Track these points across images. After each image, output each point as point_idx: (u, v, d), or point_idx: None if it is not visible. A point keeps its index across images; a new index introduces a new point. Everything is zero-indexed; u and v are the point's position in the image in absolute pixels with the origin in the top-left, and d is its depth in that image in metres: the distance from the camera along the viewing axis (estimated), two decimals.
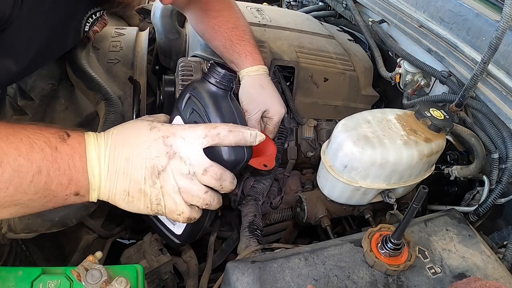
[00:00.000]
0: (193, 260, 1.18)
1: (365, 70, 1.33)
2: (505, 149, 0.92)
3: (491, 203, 0.94)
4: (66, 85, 1.10)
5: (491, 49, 0.84)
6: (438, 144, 0.86)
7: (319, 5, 1.80)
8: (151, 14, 1.48)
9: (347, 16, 1.55)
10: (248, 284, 0.69)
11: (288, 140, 1.30)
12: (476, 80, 0.91)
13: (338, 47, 1.36)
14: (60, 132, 0.61)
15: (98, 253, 0.66)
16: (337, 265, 0.74)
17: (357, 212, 1.01)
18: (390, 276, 0.73)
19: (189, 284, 1.12)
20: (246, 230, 1.03)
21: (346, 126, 0.86)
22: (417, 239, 0.81)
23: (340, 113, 1.31)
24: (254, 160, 1.00)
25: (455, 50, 1.08)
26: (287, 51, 1.24)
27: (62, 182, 0.59)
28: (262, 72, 1.09)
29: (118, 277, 0.63)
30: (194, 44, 1.28)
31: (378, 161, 0.81)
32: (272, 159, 1.01)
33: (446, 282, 0.74)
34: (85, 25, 0.90)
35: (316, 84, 1.26)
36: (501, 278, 0.76)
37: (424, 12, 1.23)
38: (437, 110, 0.88)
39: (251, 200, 1.14)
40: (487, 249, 0.81)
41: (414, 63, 1.17)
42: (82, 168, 0.61)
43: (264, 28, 1.33)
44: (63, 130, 0.62)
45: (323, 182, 0.94)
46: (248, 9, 1.44)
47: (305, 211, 0.97)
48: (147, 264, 1.04)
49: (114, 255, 1.13)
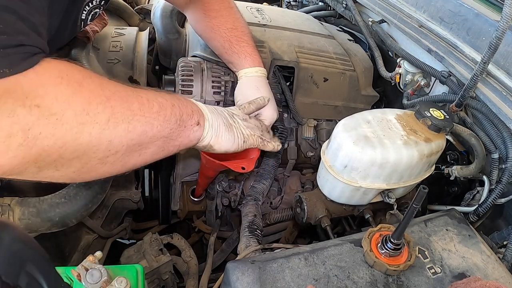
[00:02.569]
0: (193, 260, 1.18)
1: (365, 70, 1.33)
2: (505, 149, 0.92)
3: (491, 203, 0.94)
4: None
5: (491, 49, 0.84)
6: (438, 144, 0.86)
7: (319, 5, 1.80)
8: (151, 14, 1.48)
9: (347, 16, 1.55)
10: (248, 284, 0.69)
11: (288, 140, 1.30)
12: (476, 80, 0.91)
13: (338, 47, 1.36)
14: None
15: (98, 253, 0.67)
16: (337, 265, 0.74)
17: (357, 212, 1.01)
18: (390, 276, 0.73)
19: (189, 284, 1.12)
20: (246, 230, 1.03)
21: (346, 126, 0.86)
22: (417, 239, 0.81)
23: (340, 113, 1.31)
24: (234, 162, 1.01)
25: (455, 50, 1.08)
26: (287, 51, 1.24)
27: (188, 112, 0.79)
28: (260, 74, 1.10)
29: (118, 277, 0.63)
30: (194, 44, 1.28)
31: (378, 161, 0.81)
32: (252, 163, 1.02)
33: (446, 282, 0.74)
34: (82, 12, 0.90)
35: (316, 84, 1.26)
36: (501, 278, 0.76)
37: (424, 12, 1.23)
38: (437, 110, 0.88)
39: (251, 200, 1.14)
40: (487, 249, 0.81)
41: (414, 63, 1.17)
42: (196, 105, 0.84)
43: (264, 28, 1.33)
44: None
45: (323, 182, 0.94)
46: (248, 9, 1.44)
47: (305, 211, 0.97)
48: (147, 264, 1.04)
49: (114, 255, 1.13)
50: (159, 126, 0.72)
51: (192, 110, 0.81)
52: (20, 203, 0.87)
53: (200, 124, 0.82)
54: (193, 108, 0.81)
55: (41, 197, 0.89)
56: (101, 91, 0.64)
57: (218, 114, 0.88)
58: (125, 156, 0.69)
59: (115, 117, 0.65)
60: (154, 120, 0.71)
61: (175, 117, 0.75)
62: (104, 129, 0.63)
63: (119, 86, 0.69)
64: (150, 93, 0.73)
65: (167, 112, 0.74)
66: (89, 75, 0.64)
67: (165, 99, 0.75)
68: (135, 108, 0.68)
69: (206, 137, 0.84)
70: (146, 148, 0.73)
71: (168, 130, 0.74)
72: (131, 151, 0.70)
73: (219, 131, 0.86)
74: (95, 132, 0.62)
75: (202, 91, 1.17)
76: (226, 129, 0.87)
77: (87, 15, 0.92)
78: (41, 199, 0.88)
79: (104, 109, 0.63)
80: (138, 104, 0.69)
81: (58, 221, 0.88)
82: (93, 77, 0.65)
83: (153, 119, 0.71)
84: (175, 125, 0.76)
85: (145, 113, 0.70)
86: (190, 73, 1.17)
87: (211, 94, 1.18)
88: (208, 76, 1.18)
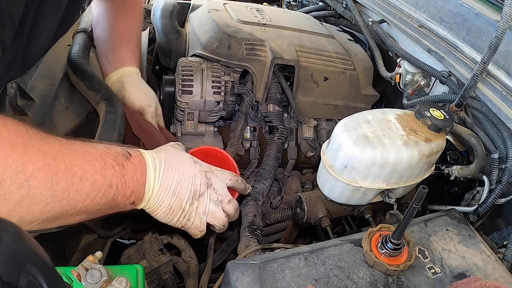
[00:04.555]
0: (193, 260, 1.18)
1: (365, 70, 1.33)
2: (505, 149, 0.92)
3: (491, 203, 0.94)
4: (66, 85, 1.10)
5: (491, 49, 0.84)
6: (438, 144, 0.86)
7: (319, 5, 1.80)
8: (151, 14, 1.48)
9: (347, 16, 1.55)
10: (248, 284, 0.69)
11: (288, 140, 1.30)
12: (476, 80, 0.91)
13: (338, 47, 1.36)
14: (124, 151, 0.71)
15: (98, 253, 0.66)
16: (337, 265, 0.74)
17: (357, 212, 1.01)
18: (390, 276, 0.73)
19: (189, 284, 1.11)
20: (246, 230, 1.03)
21: (346, 126, 0.86)
22: (417, 239, 0.81)
23: (340, 112, 1.31)
24: None
25: (455, 50, 1.08)
26: (287, 50, 1.24)
27: (126, 193, 0.70)
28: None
29: (118, 277, 0.63)
30: (194, 43, 1.28)
31: (378, 161, 0.81)
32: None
33: (446, 282, 0.74)
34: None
35: (316, 83, 1.26)
36: (501, 278, 0.76)
37: (424, 12, 1.23)
38: (437, 110, 0.88)
39: (251, 200, 1.14)
40: (487, 249, 0.81)
41: (414, 63, 1.17)
42: (142, 182, 0.72)
43: (264, 27, 1.33)
44: (125, 149, 0.72)
45: (323, 182, 0.94)
46: (248, 9, 1.44)
47: (305, 211, 0.97)
48: (147, 264, 1.04)
49: (114, 255, 1.13)
50: (84, 208, 0.64)
51: (132, 191, 0.70)
52: None
53: (135, 204, 0.74)
54: (136, 190, 0.71)
55: None
56: (22, 166, 0.54)
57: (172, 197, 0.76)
58: (43, 225, 0.63)
59: (30, 199, 0.56)
60: (78, 202, 0.63)
61: (106, 199, 0.66)
62: (15, 209, 0.56)
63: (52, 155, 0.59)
64: (91, 166, 0.63)
65: (98, 194, 0.65)
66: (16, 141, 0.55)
67: (104, 176, 0.65)
68: (58, 189, 0.59)
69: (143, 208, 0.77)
70: (67, 220, 0.66)
71: (94, 209, 0.66)
72: (48, 223, 0.63)
73: (158, 211, 0.77)
74: (4, 209, 0.55)
75: (202, 91, 1.18)
76: (169, 212, 0.77)
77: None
78: None
79: (18, 189, 0.55)
80: (64, 184, 0.60)
81: None
82: (20, 144, 0.55)
83: (77, 202, 0.62)
84: (104, 205, 0.67)
85: (70, 194, 0.61)
86: (190, 73, 1.17)
87: (211, 94, 1.18)
88: (208, 76, 1.18)
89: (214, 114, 1.24)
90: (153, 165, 0.75)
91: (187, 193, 0.78)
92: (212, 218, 0.82)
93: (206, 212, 0.81)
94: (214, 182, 0.82)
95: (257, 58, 1.21)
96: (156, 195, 0.75)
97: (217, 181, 0.82)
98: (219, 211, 0.83)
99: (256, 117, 1.29)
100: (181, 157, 0.81)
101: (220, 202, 0.83)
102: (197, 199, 0.79)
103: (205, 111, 1.22)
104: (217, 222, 0.84)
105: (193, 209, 0.79)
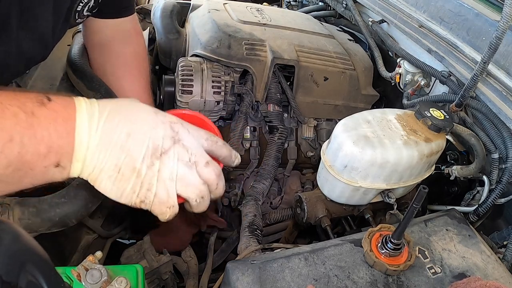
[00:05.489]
0: (193, 260, 1.18)
1: (365, 70, 1.33)
2: (505, 149, 0.92)
3: (491, 203, 0.94)
4: (66, 85, 1.10)
5: (491, 49, 0.84)
6: (438, 144, 0.86)
7: (319, 5, 1.80)
8: (151, 14, 1.48)
9: (347, 16, 1.55)
10: (248, 284, 0.69)
11: (288, 140, 1.30)
12: (476, 80, 0.91)
13: (338, 47, 1.36)
14: (39, 97, 0.53)
15: (98, 253, 0.67)
16: (337, 265, 0.74)
17: (357, 212, 1.01)
18: (390, 276, 0.73)
19: (189, 284, 1.12)
20: (246, 230, 1.03)
21: (346, 126, 0.86)
22: (417, 239, 0.81)
23: (340, 112, 1.31)
24: None
25: (455, 50, 1.08)
26: (287, 50, 1.24)
27: (40, 151, 0.51)
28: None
29: (118, 277, 0.63)
30: (194, 43, 1.28)
31: (378, 161, 0.81)
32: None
33: (446, 282, 0.74)
34: (78, 5, 0.88)
35: (316, 83, 1.26)
36: (501, 278, 0.76)
37: (424, 12, 1.23)
38: (437, 110, 0.88)
39: (251, 200, 1.14)
40: (487, 249, 0.81)
41: (414, 63, 1.17)
42: (67, 132, 0.53)
43: (264, 27, 1.33)
44: (43, 94, 0.54)
45: (323, 182, 0.94)
46: (248, 9, 1.44)
47: (305, 211, 0.97)
48: (147, 264, 1.04)
49: (114, 255, 1.13)
50: None
51: (50, 147, 0.52)
52: (20, 203, 0.87)
53: (62, 166, 0.54)
54: (55, 143, 0.52)
55: (41, 197, 0.89)
56: None
57: (119, 153, 0.55)
58: None
59: None
60: None
61: (7, 160, 0.49)
62: None
63: None
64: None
65: None
66: None
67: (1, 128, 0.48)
68: None
69: (82, 176, 0.57)
70: None
71: None
72: None
73: (100, 176, 0.56)
74: None
75: (202, 91, 1.18)
76: (117, 176, 0.56)
77: (83, 7, 0.89)
78: (41, 199, 0.88)
79: None
80: None
81: (58, 221, 0.88)
82: None
83: None
84: (8, 169, 0.50)
85: None
86: (190, 73, 1.17)
87: (211, 93, 1.18)
88: (208, 76, 1.18)
89: (214, 114, 1.24)
90: (88, 112, 0.54)
91: (142, 149, 0.56)
92: (184, 186, 0.59)
93: (173, 178, 0.58)
94: (184, 136, 0.59)
95: (257, 58, 1.21)
96: (95, 152, 0.54)
97: (188, 137, 0.60)
98: (192, 176, 0.59)
99: (256, 117, 1.29)
100: (139, 107, 0.60)
101: (194, 164, 0.59)
102: (159, 158, 0.57)
103: (205, 111, 1.22)
104: (191, 193, 0.60)
105: (153, 173, 0.56)
